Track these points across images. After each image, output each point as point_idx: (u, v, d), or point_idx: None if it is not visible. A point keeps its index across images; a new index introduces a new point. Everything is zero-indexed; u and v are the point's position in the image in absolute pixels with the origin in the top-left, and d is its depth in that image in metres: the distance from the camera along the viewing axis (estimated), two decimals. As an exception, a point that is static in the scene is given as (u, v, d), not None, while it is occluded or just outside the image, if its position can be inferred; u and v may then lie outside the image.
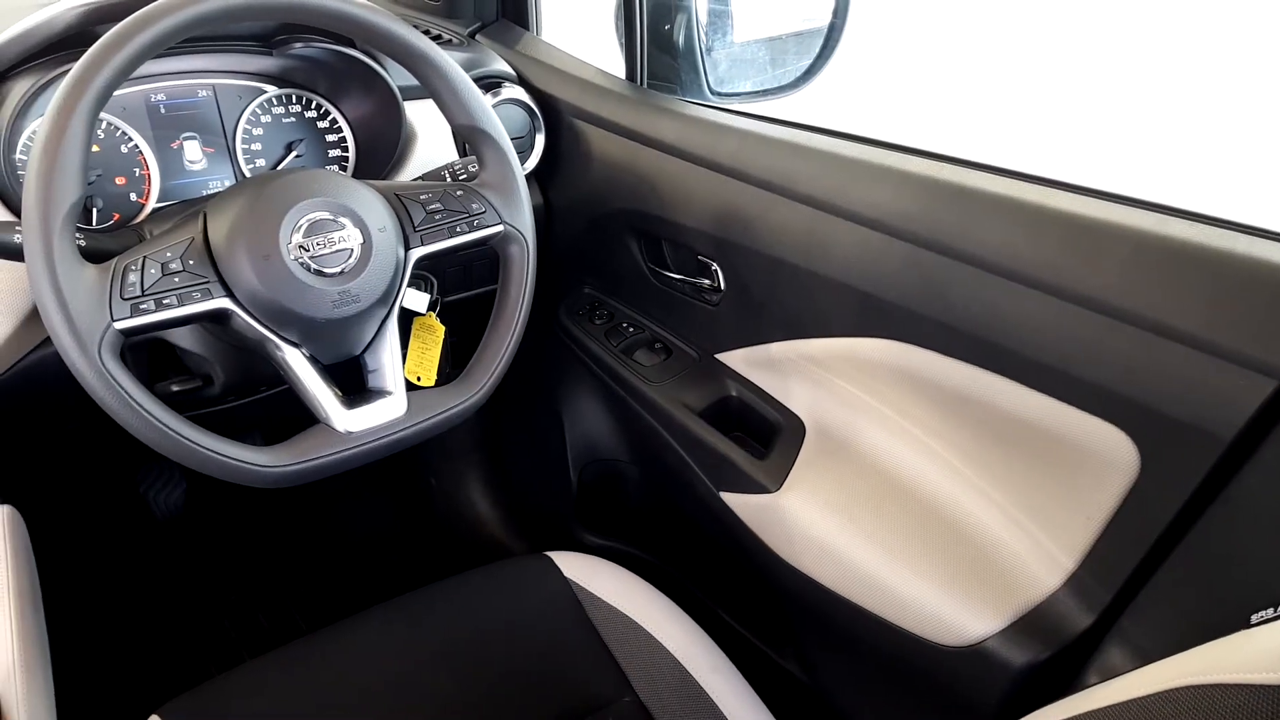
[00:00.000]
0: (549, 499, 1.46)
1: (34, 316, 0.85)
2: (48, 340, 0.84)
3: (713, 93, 1.22)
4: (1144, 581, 0.73)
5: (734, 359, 1.11)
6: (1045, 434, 0.77)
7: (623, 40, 1.19)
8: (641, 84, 1.19)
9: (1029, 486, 0.81)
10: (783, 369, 1.04)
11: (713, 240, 1.05)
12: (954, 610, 0.81)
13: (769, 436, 1.04)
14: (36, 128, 0.90)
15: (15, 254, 0.72)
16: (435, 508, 1.66)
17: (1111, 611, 0.75)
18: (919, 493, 0.89)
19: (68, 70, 0.73)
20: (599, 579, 0.97)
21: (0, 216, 0.85)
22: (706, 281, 1.11)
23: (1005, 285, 0.76)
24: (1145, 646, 0.73)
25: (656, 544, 1.35)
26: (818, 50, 1.24)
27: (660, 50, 1.20)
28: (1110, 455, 0.72)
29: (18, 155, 0.89)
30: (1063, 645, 0.76)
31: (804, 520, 0.94)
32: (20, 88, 0.86)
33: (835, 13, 1.21)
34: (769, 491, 0.98)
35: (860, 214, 0.87)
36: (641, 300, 1.23)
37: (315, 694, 0.85)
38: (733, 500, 1.03)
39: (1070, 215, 0.73)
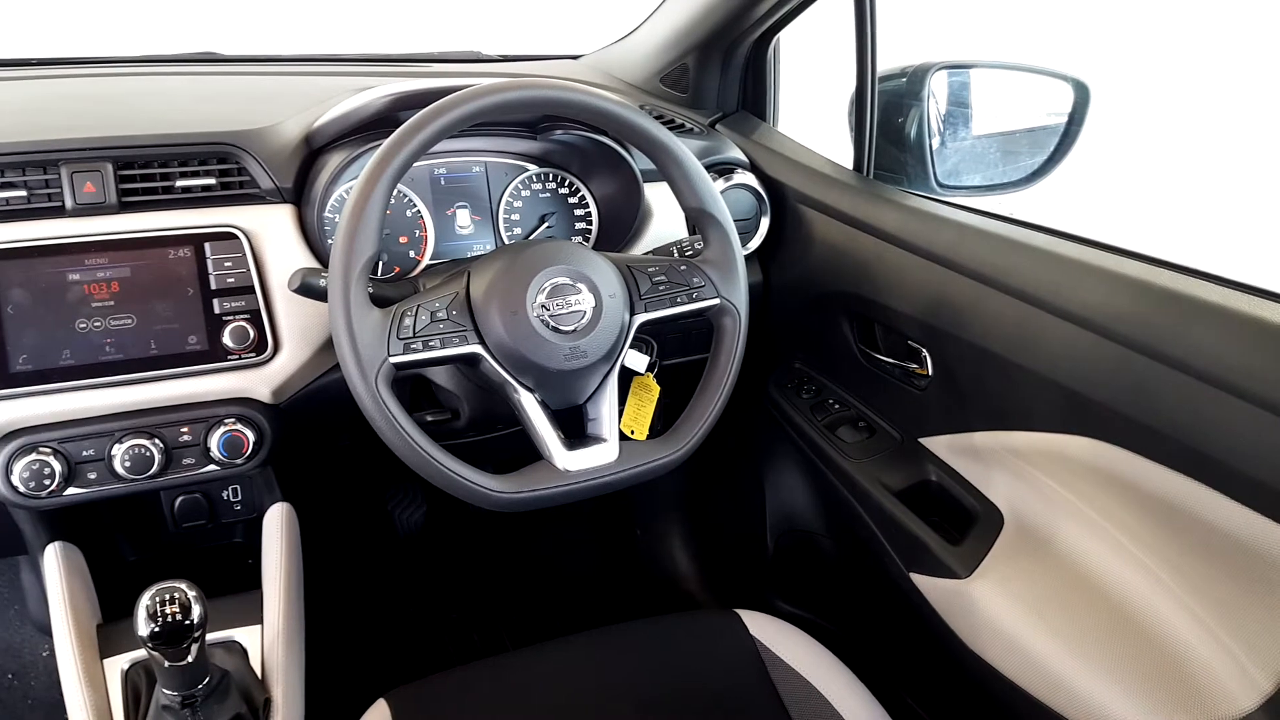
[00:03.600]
0: (744, 561, 1.51)
1: (325, 347, 1.02)
2: (335, 368, 1.01)
3: (940, 185, 1.25)
4: None
5: (937, 444, 1.12)
6: (1249, 550, 0.74)
7: (853, 133, 1.25)
8: (868, 174, 1.25)
9: (1229, 601, 0.77)
10: (985, 458, 1.05)
11: (924, 326, 1.08)
12: (1142, 718, 0.78)
13: (965, 524, 1.05)
14: (344, 192, 1.08)
15: (319, 295, 0.88)
16: (638, 555, 1.75)
17: None
18: (1114, 595, 0.87)
19: (375, 147, 0.89)
20: (785, 642, 1.01)
21: (309, 263, 1.02)
22: (915, 366, 1.14)
23: (1217, 395, 0.75)
24: None
25: (843, 616, 1.36)
26: (1052, 149, 1.24)
27: (889, 143, 1.26)
28: None
29: (327, 213, 1.07)
30: None
31: (993, 610, 0.94)
32: (335, 159, 1.03)
33: (1073, 112, 1.21)
34: (960, 578, 0.99)
35: (1072, 312, 0.88)
36: (849, 379, 1.27)
37: (516, 701, 0.94)
38: (922, 582, 1.04)
39: None
